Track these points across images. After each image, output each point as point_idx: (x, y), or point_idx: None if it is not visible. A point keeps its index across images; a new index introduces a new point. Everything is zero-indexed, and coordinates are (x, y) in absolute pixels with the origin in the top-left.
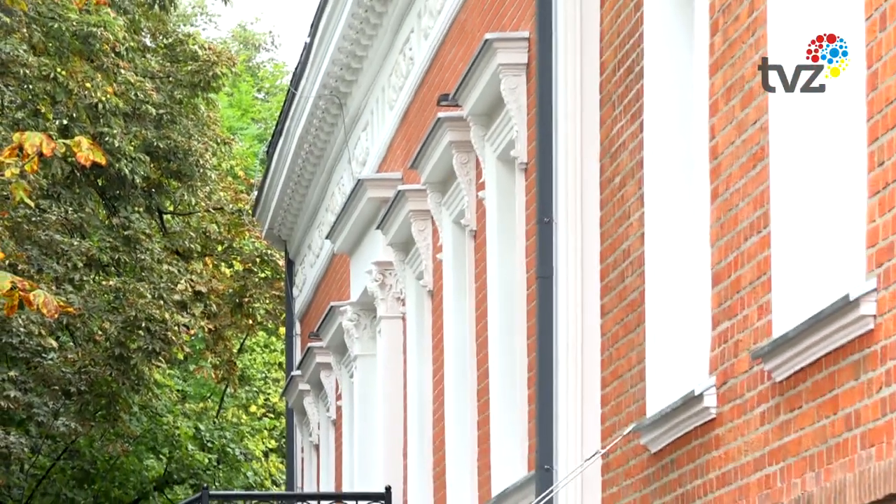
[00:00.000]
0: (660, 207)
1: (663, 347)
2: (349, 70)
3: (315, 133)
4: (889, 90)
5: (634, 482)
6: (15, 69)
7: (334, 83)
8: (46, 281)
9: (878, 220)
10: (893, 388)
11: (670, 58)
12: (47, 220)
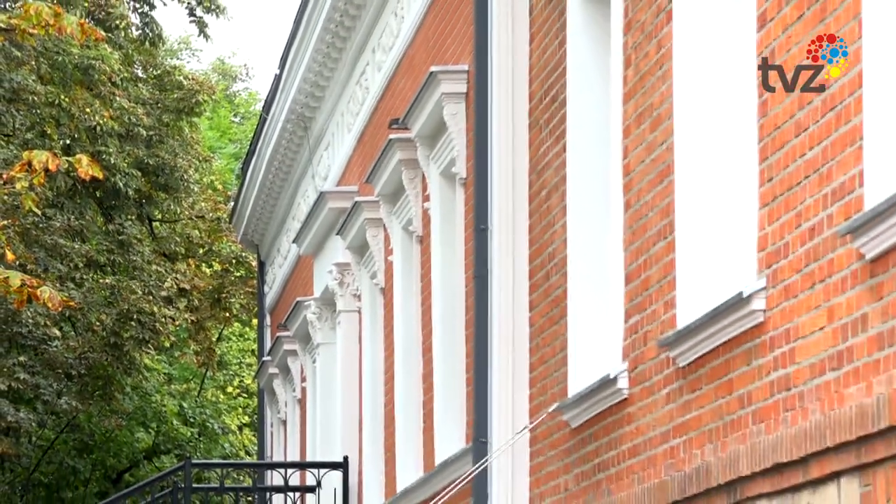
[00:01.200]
0: (580, 217)
1: (582, 337)
2: (313, 98)
3: (283, 152)
4: (776, 117)
5: (557, 453)
6: (25, 96)
7: (300, 109)
8: (51, 279)
9: (767, 228)
10: (780, 373)
11: (589, 88)
12: (52, 226)
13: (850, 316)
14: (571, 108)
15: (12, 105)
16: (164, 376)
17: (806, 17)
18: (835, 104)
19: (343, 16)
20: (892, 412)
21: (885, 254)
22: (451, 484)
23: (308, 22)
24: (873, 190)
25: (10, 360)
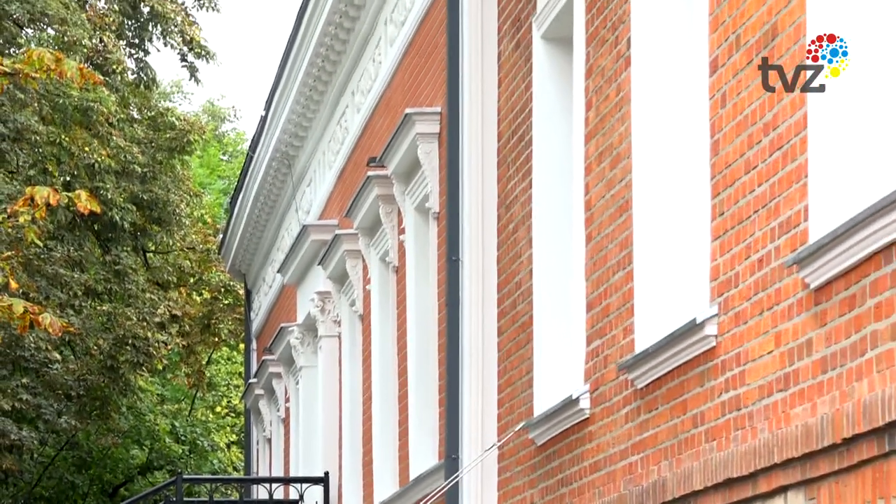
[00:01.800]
0: (545, 248)
1: (547, 360)
2: (296, 137)
3: (269, 188)
4: (728, 156)
5: (524, 469)
6: (28, 136)
7: (284, 148)
8: (52, 306)
9: (718, 259)
10: (731, 394)
11: (553, 128)
12: (53, 257)
13: (795, 341)
14: (537, 146)
15: (16, 144)
16: (157, 397)
17: (755, 63)
18: (781, 144)
19: (324, 61)
20: (835, 431)
21: (829, 283)
22: (425, 498)
23: (292, 67)
24: (817, 224)
25: (13, 382)
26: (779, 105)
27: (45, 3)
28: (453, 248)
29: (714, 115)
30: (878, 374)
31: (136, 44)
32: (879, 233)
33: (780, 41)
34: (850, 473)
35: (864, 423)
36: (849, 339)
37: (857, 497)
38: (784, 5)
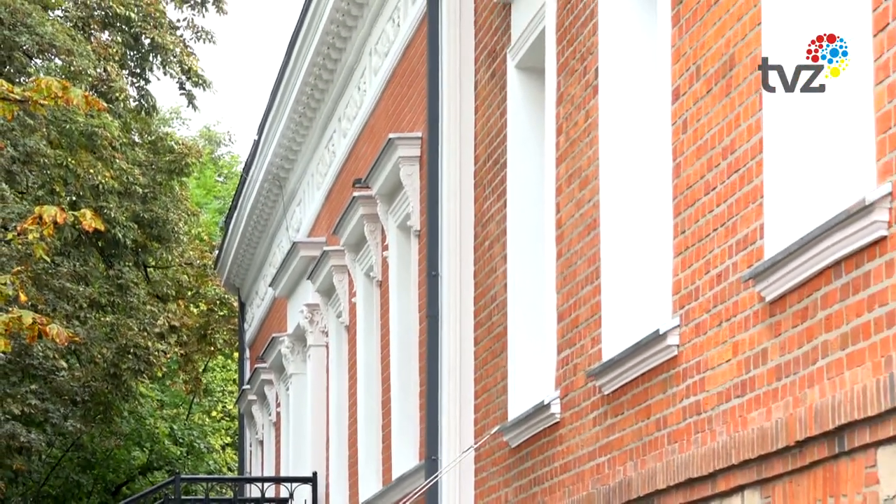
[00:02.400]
0: (519, 264)
1: (520, 368)
2: (287, 160)
3: (261, 207)
4: (689, 178)
5: (499, 469)
6: (37, 159)
7: (275, 170)
8: (59, 318)
9: (680, 274)
10: (691, 400)
11: (527, 152)
12: (60, 272)
13: (752, 350)
14: (511, 169)
15: (26, 166)
16: (156, 402)
17: (714, 92)
18: (739, 167)
19: (313, 89)
20: (788, 434)
21: (783, 297)
22: (406, 496)
23: (283, 94)
24: (772, 241)
25: (22, 388)
26: (736, 131)
27: (53, 35)
28: (433, 264)
29: (676, 139)
30: (828, 382)
31: (137, 73)
32: (829, 250)
33: (737, 71)
34: (803, 474)
35: (815, 426)
36: (801, 348)
37: (809, 496)
38: (741, 38)
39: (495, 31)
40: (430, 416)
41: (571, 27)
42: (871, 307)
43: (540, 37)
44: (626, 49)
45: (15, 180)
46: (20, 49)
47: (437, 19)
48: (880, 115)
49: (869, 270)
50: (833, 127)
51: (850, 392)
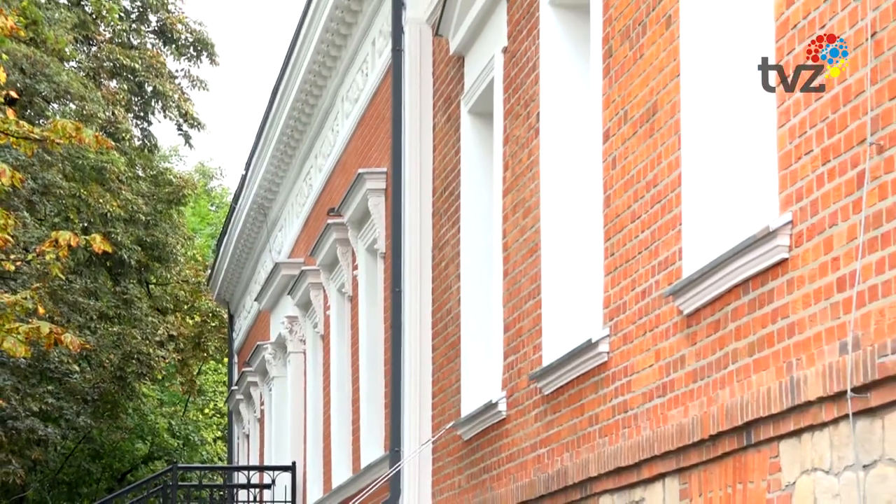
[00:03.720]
0: (471, 282)
1: (472, 372)
2: (270, 192)
3: (248, 232)
4: (618, 207)
5: (453, 459)
6: (53, 190)
7: (260, 200)
8: (72, 328)
9: (610, 291)
10: (620, 399)
11: (477, 185)
12: (73, 288)
13: (671, 357)
14: (464, 200)
15: (44, 197)
16: (157, 401)
17: (639, 134)
18: (660, 198)
19: (293, 130)
20: (703, 429)
21: (698, 310)
22: (373, 482)
23: (267, 135)
24: (689, 262)
25: (40, 389)
26: (658, 167)
27: (68, 83)
28: (397, 282)
29: (606, 174)
30: (737, 384)
31: (141, 116)
32: (739, 270)
33: (659, 115)
34: (715, 463)
35: (726, 422)
36: (714, 355)
37: (721, 482)
38: (662, 87)
39: (450, 81)
40: (393, 412)
41: (516, 77)
42: (774, 320)
43: (489, 86)
44: (564, 96)
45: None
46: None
47: (400, 70)
48: (782, 154)
49: (773, 288)
50: (742, 164)
51: (756, 393)
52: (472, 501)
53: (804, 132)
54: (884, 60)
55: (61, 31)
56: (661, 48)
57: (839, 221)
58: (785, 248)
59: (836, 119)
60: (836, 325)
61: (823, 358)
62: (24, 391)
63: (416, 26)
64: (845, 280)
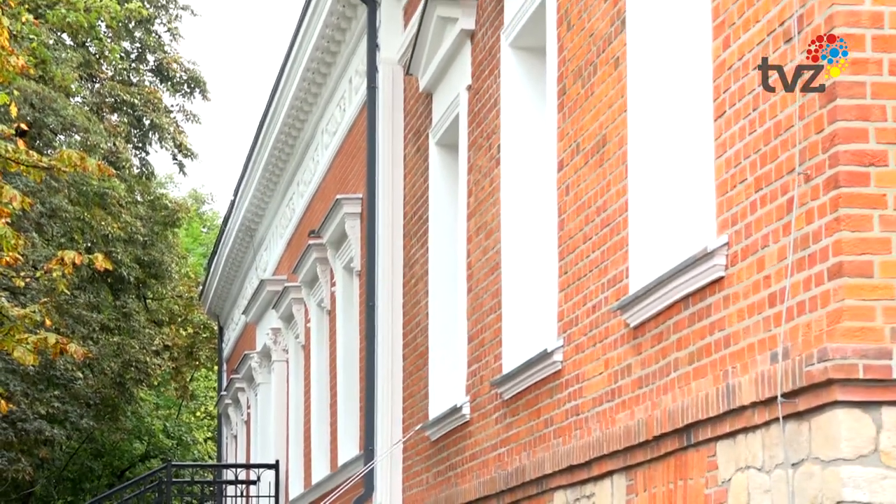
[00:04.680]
0: (438, 297)
1: (438, 379)
2: (257, 215)
3: (236, 252)
4: (570, 230)
5: (421, 458)
6: (60, 213)
7: (247, 223)
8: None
9: (564, 306)
10: (572, 404)
11: (444, 210)
12: (77, 302)
13: (619, 365)
14: (432, 223)
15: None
16: (153, 405)
17: (590, 164)
18: (609, 222)
19: (277, 160)
20: (648, 430)
21: (643, 323)
22: (349, 479)
23: (254, 164)
24: (635, 280)
25: (47, 394)
26: (607, 193)
27: (74, 117)
28: (371, 297)
29: (560, 200)
30: (678, 390)
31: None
32: (680, 287)
33: (608, 147)
34: (659, 462)
35: (668, 425)
36: (657, 364)
37: (664, 479)
38: (611, 122)
39: (420, 116)
40: (367, 415)
41: (479, 112)
42: (711, 332)
43: (455, 120)
44: (522, 130)
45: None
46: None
47: (374, 106)
48: (719, 182)
49: (710, 303)
50: (683, 191)
51: (696, 398)
52: (439, 497)
53: (739, 162)
54: (810, 98)
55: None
56: (610, 86)
57: (770, 243)
58: (721, 267)
59: (768, 151)
60: (767, 337)
61: (756, 366)
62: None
63: (389, 66)
64: (776, 296)
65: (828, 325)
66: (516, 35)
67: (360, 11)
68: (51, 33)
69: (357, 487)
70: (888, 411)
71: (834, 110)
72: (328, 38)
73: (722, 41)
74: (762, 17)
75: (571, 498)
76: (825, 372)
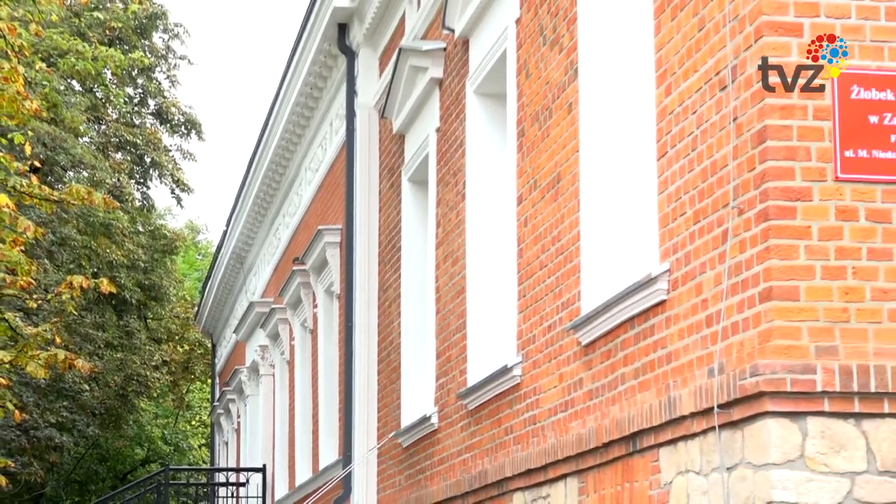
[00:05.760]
0: (409, 318)
1: (410, 391)
2: (246, 245)
3: (228, 277)
4: (528, 258)
5: (394, 462)
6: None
7: (238, 251)
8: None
9: (522, 326)
10: (530, 413)
11: (415, 239)
12: (84, 322)
13: (572, 379)
14: (404, 251)
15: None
16: (152, 414)
17: (546, 198)
18: (563, 251)
19: (265, 194)
20: (597, 437)
21: (594, 342)
22: (329, 481)
23: (244, 198)
24: (587, 302)
25: (57, 404)
26: (562, 225)
27: (82, 155)
28: (349, 318)
29: (520, 231)
30: (625, 401)
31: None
32: (626, 309)
33: (562, 184)
34: (608, 466)
35: (616, 433)
36: (606, 378)
37: (612, 481)
38: (565, 161)
39: (393, 155)
40: (346, 424)
41: (447, 152)
42: (655, 349)
43: (425, 159)
44: (485, 168)
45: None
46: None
47: (352, 146)
48: (662, 215)
49: (654, 323)
50: (629, 222)
51: (641, 409)
52: (410, 497)
53: (679, 197)
54: (743, 140)
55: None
56: (564, 129)
57: (707, 270)
58: (664, 291)
59: (705, 187)
60: (705, 354)
61: (695, 380)
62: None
63: (366, 111)
64: (712, 318)
65: (759, 343)
66: (480, 83)
67: (340, 61)
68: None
69: (336, 489)
70: (813, 421)
71: (764, 151)
72: (311, 85)
73: (664, 89)
74: (700, 68)
75: (529, 499)
76: (756, 385)
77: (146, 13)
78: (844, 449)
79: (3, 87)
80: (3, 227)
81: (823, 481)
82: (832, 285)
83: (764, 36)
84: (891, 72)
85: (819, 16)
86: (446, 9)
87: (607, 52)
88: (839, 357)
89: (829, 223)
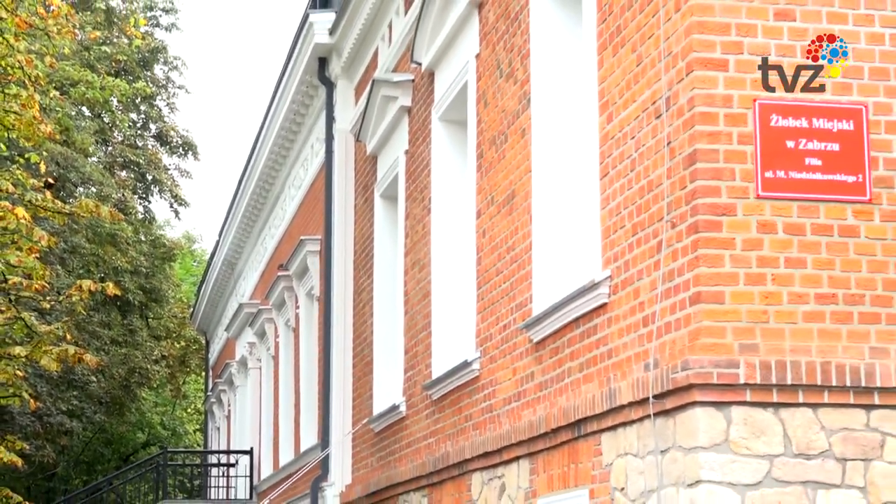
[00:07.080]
0: (381, 319)
1: (381, 383)
2: (236, 252)
3: (220, 282)
4: (486, 265)
5: (367, 445)
6: (79, 250)
7: (229, 258)
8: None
9: (481, 325)
10: (488, 403)
11: (386, 249)
12: (92, 321)
13: (524, 372)
14: (376, 259)
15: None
16: (152, 403)
17: (502, 213)
18: (517, 259)
19: (254, 208)
20: (547, 424)
21: (544, 339)
22: (309, 462)
23: (235, 211)
24: (538, 304)
25: (67, 394)
26: (516, 236)
27: (90, 173)
28: (327, 318)
29: (479, 241)
30: (571, 392)
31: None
32: (573, 310)
33: (516, 200)
34: (556, 449)
35: (563, 420)
36: (555, 371)
37: (559, 463)
38: (519, 179)
39: (367, 174)
40: (324, 412)
41: (415, 171)
42: (597, 346)
43: (395, 178)
44: (448, 185)
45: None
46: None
47: (331, 166)
48: (604, 228)
49: (597, 324)
50: (575, 234)
51: (585, 399)
52: (381, 477)
53: (620, 212)
54: (675, 162)
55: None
56: (518, 152)
57: (644, 276)
58: (605, 294)
59: (643, 203)
60: (641, 351)
61: (632, 374)
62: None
63: (343, 134)
64: (648, 318)
65: (689, 341)
66: (444, 110)
67: (321, 91)
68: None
69: (315, 469)
70: (736, 410)
71: (695, 172)
72: (294, 111)
73: (606, 117)
74: (638, 98)
75: (486, 478)
76: (687, 378)
77: (148, 47)
78: (764, 434)
79: (21, 113)
80: (20, 236)
81: (746, 463)
82: (754, 290)
83: (694, 70)
84: (806, 102)
85: (743, 53)
86: (415, 45)
87: (556, 84)
88: (759, 353)
89: (751, 235)
